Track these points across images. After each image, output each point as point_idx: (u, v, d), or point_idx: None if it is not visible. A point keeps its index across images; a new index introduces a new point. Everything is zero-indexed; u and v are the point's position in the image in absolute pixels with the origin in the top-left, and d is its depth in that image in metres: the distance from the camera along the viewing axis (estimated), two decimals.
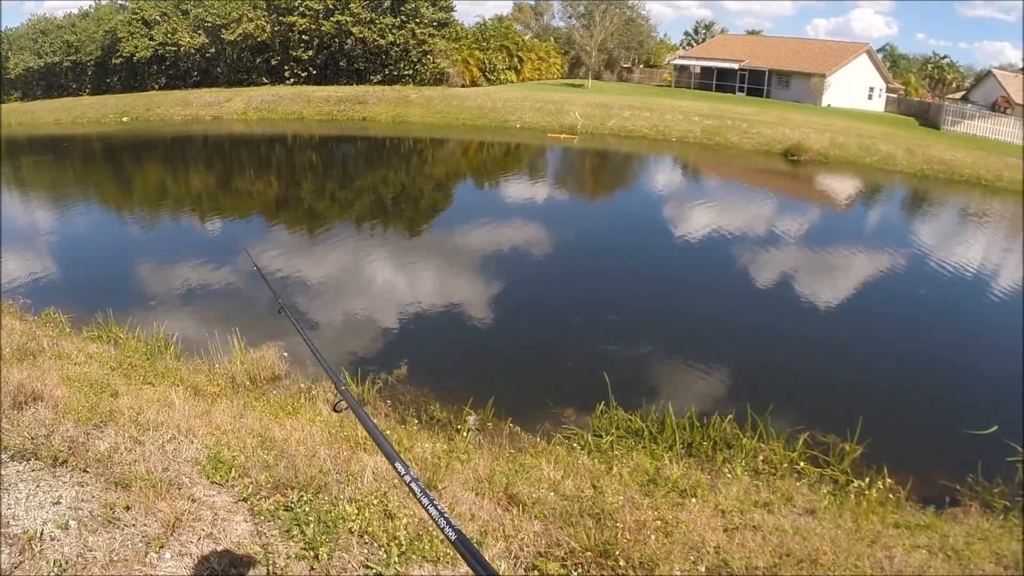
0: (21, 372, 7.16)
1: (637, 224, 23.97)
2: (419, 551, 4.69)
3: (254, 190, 30.57)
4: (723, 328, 13.93)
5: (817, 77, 59.17)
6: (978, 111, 50.82)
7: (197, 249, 19.24)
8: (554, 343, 12.87)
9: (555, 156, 40.18)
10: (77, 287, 15.69)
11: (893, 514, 7.00)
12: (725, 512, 6.41)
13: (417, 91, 55.62)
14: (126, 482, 5.03)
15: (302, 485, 5.38)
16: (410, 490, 1.43)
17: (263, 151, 43.01)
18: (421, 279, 16.73)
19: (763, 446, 8.50)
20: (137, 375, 9.00)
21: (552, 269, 18.07)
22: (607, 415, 9.37)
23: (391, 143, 44.40)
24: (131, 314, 12.76)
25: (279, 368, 10.43)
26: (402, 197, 29.09)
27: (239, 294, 15.41)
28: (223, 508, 4.96)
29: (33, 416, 6.03)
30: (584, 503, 6.04)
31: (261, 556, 4.44)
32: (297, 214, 25.15)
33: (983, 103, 58.71)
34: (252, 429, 6.75)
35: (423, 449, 7.11)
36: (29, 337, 9.44)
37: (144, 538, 4.43)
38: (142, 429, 6.15)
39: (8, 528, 4.33)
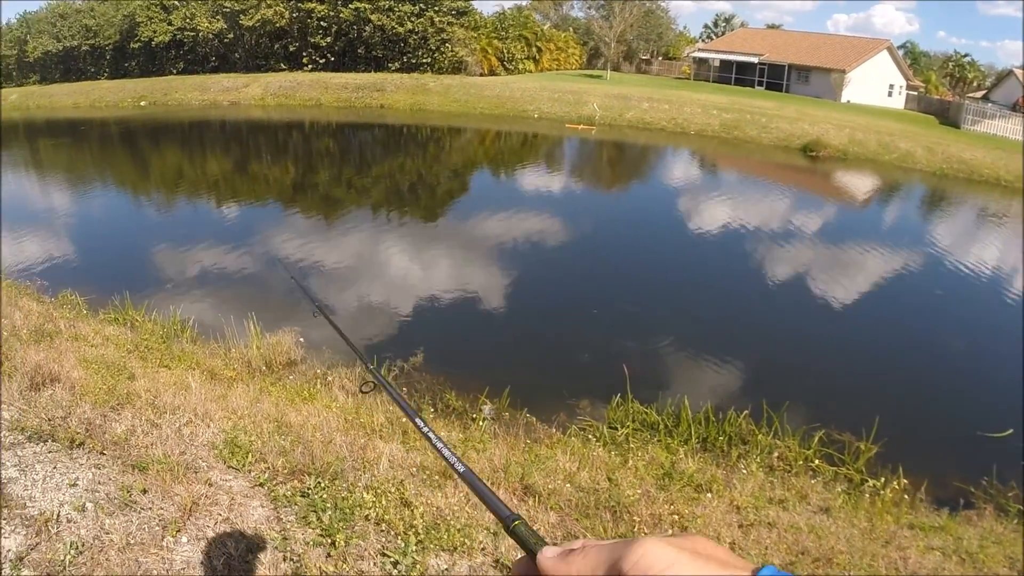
0: (38, 353, 7.15)
1: (654, 217, 23.89)
2: (436, 540, 4.67)
3: (271, 175, 30.57)
4: (739, 323, 13.86)
5: (837, 73, 58.80)
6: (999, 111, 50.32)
7: (214, 234, 19.25)
8: (570, 334, 12.80)
9: (572, 147, 40.11)
10: (94, 269, 15.71)
11: (907, 515, 6.97)
12: (740, 508, 6.38)
13: (435, 79, 55.54)
14: (143, 465, 5.01)
15: (319, 471, 5.37)
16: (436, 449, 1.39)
17: (280, 137, 43.04)
18: (437, 267, 16.70)
19: (778, 443, 8.44)
20: (154, 358, 8.99)
21: (568, 260, 17.99)
22: (623, 407, 9.31)
23: (408, 131, 44.31)
24: (148, 297, 12.77)
25: (295, 353, 10.42)
26: (419, 185, 29.06)
27: (255, 279, 15.39)
28: (240, 493, 4.95)
29: (50, 398, 6.02)
30: (600, 495, 6.02)
31: (278, 542, 4.42)
32: (314, 200, 25.16)
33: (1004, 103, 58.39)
34: (268, 414, 6.74)
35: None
36: (46, 319, 9.43)
37: (161, 521, 4.42)
38: (159, 412, 6.14)
39: (25, 509, 4.32)
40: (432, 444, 1.41)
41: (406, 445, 6.63)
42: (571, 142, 40.68)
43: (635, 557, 0.77)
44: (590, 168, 34.48)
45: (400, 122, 46.35)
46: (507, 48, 65.73)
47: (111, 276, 14.64)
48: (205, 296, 14.11)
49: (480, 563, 4.60)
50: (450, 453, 1.35)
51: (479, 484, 1.23)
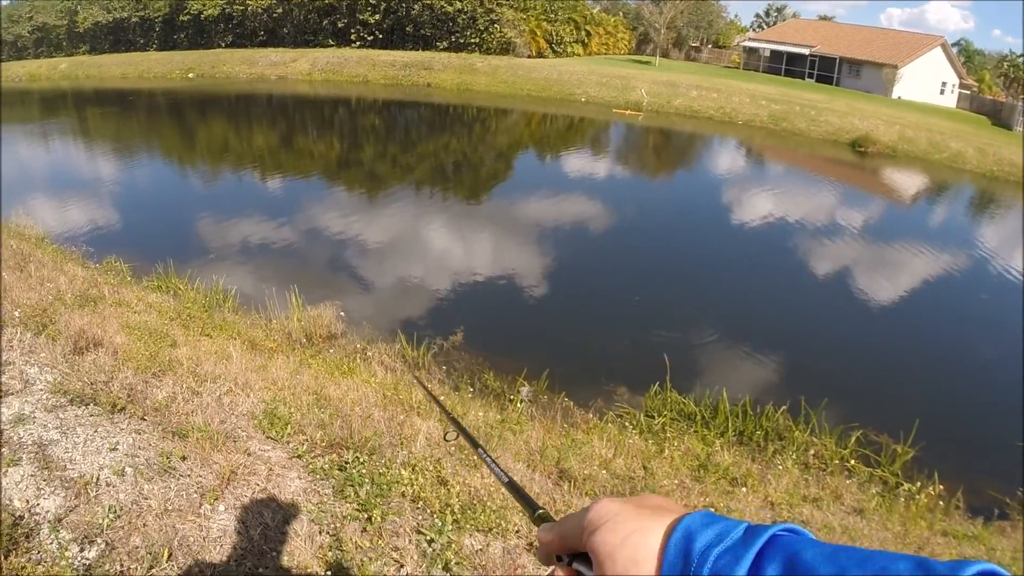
0: (82, 318, 7.20)
1: (698, 206, 23.72)
2: (472, 520, 4.64)
3: (316, 150, 30.66)
4: (781, 316, 13.72)
5: (889, 68, 57.94)
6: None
7: (258, 206, 19.36)
8: (610, 320, 12.73)
9: (619, 132, 39.86)
10: (139, 237, 15.81)
11: (941, 521, 6.90)
12: (774, 504, 6.34)
13: (483, 60, 55.43)
14: (183, 432, 5.03)
15: (357, 446, 5.37)
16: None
17: (326, 112, 43.23)
18: (479, 247, 16.68)
19: (815, 440, 8.36)
20: (195, 326, 9.04)
21: (610, 246, 17.87)
22: (660, 396, 9.26)
23: (454, 110, 44.32)
24: (191, 266, 12.82)
25: (336, 327, 10.42)
26: (463, 165, 29.06)
27: (298, 252, 15.45)
28: (278, 464, 4.95)
29: (93, 362, 6.06)
30: (635, 483, 5.99)
31: (315, 514, 4.41)
32: (358, 176, 25.17)
33: None
34: (308, 386, 6.74)
35: (476, 417, 7.07)
36: (91, 284, 9.51)
37: (199, 489, 4.42)
38: (200, 380, 6.16)
39: (65, 472, 4.34)
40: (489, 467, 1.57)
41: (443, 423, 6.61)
42: (617, 127, 40.43)
43: (591, 514, 0.91)
44: (636, 154, 34.23)
45: (446, 101, 46.34)
46: (556, 31, 65.49)
47: (155, 244, 14.74)
48: (247, 267, 14.18)
49: (514, 545, 4.57)
50: (500, 471, 1.52)
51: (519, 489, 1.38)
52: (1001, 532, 6.95)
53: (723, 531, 0.80)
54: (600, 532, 0.87)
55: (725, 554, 0.77)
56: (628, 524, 0.86)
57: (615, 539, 0.85)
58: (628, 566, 0.83)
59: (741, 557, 0.76)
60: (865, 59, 60.43)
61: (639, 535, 0.84)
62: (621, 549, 0.84)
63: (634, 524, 0.86)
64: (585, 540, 0.90)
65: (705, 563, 0.77)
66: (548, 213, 20.01)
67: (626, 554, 0.83)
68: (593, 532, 0.88)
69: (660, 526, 0.84)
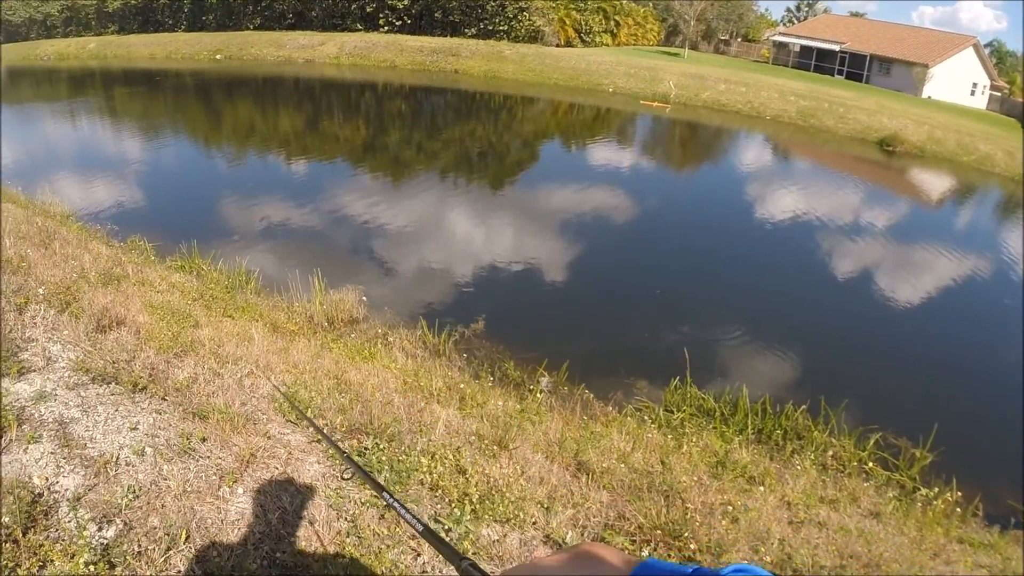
0: (106, 296, 7.22)
1: (723, 200, 23.61)
2: (491, 510, 4.63)
3: (342, 134, 30.74)
4: (802, 315, 13.65)
5: (920, 67, 57.41)
6: None
7: (282, 188, 19.42)
8: (631, 312, 12.71)
9: (645, 124, 39.74)
10: (163, 217, 15.89)
11: (958, 528, 6.84)
12: (791, 504, 6.30)
13: (511, 47, 55.27)
14: (203, 413, 5.03)
15: (376, 431, 5.37)
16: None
17: (353, 96, 43.29)
18: (502, 235, 16.66)
19: (834, 441, 8.32)
20: (218, 307, 9.06)
21: (634, 238, 17.83)
22: (680, 391, 9.25)
23: (481, 97, 44.28)
24: (214, 247, 12.89)
25: (357, 312, 10.45)
26: (488, 152, 29.02)
27: (321, 235, 15.50)
28: (297, 448, 4.95)
29: (116, 341, 6.07)
30: (653, 478, 5.95)
31: (333, 500, 4.41)
32: (383, 161, 25.21)
33: None
34: (328, 370, 6.76)
35: (495, 407, 7.04)
36: (115, 262, 9.54)
37: (218, 471, 4.42)
38: (221, 362, 6.17)
39: (85, 450, 4.34)
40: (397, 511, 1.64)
41: (463, 412, 6.61)
42: (644, 119, 40.31)
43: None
44: (662, 147, 34.09)
45: (473, 88, 46.30)
46: (585, 20, 65.20)
47: (179, 224, 14.82)
48: (271, 249, 14.22)
49: (531, 537, 4.57)
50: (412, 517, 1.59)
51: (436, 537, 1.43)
52: (1017, 541, 6.89)
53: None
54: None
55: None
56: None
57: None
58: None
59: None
60: (896, 57, 59.93)
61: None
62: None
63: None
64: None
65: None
66: (572, 203, 19.98)
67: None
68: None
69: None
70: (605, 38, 67.20)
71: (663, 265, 15.59)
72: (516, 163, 27.38)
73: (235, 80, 47.12)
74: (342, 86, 47.00)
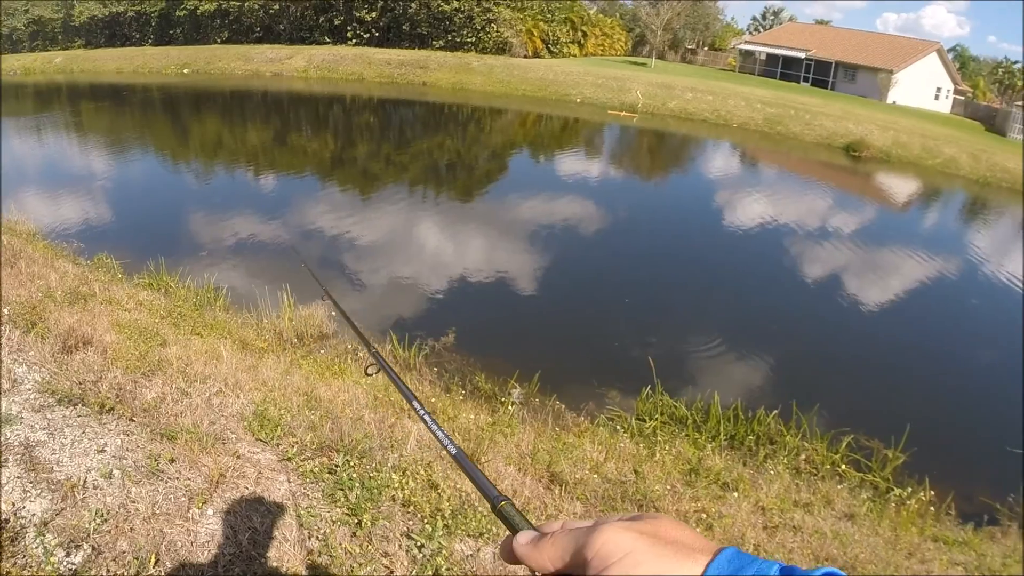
0: (72, 316, 7.17)
1: (690, 208, 23.78)
2: (463, 525, 4.62)
3: (310, 148, 30.66)
4: (772, 320, 13.70)
5: (884, 73, 58.10)
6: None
7: (250, 203, 19.34)
8: (602, 322, 12.73)
9: (613, 133, 39.93)
10: (130, 233, 15.75)
11: (932, 527, 6.91)
12: (765, 509, 6.34)
13: (479, 59, 55.44)
14: (172, 434, 5.00)
15: (347, 448, 5.35)
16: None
17: (321, 110, 43.17)
18: (471, 248, 16.65)
19: (806, 445, 8.37)
20: (186, 325, 9.00)
21: (603, 248, 17.88)
22: (652, 400, 9.26)
23: (449, 110, 44.30)
24: (182, 263, 12.79)
25: (327, 327, 10.42)
26: (457, 164, 29.02)
27: (291, 251, 15.41)
28: (267, 467, 4.92)
29: (82, 361, 6.02)
30: (627, 488, 5.97)
31: (304, 518, 4.39)
32: (352, 174, 25.18)
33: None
34: (298, 387, 6.72)
35: (467, 420, 7.05)
36: (81, 281, 9.46)
37: (187, 492, 4.39)
38: (190, 380, 6.13)
39: (52, 474, 4.30)
40: (428, 426, 1.45)
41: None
42: (612, 129, 40.49)
43: (597, 544, 0.80)
44: (630, 156, 34.26)
45: (441, 100, 46.31)
46: (552, 31, 65.44)
47: (147, 241, 14.71)
48: (239, 265, 14.14)
49: None
50: (444, 435, 1.39)
51: (470, 465, 1.24)
52: (991, 538, 6.97)
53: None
54: (612, 572, 0.77)
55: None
56: (648, 566, 0.77)
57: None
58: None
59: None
60: (860, 64, 60.60)
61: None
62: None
63: (654, 566, 0.77)
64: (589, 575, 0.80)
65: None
66: (541, 214, 20.00)
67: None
68: (603, 570, 0.78)
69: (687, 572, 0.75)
70: (572, 49, 67.47)
71: (633, 274, 15.60)
72: (485, 175, 27.42)
73: (202, 94, 46.89)
74: (310, 99, 46.87)
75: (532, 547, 0.90)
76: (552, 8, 67.15)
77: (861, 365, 12.17)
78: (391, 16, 62.30)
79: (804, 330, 13.54)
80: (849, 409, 9.83)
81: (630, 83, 47.07)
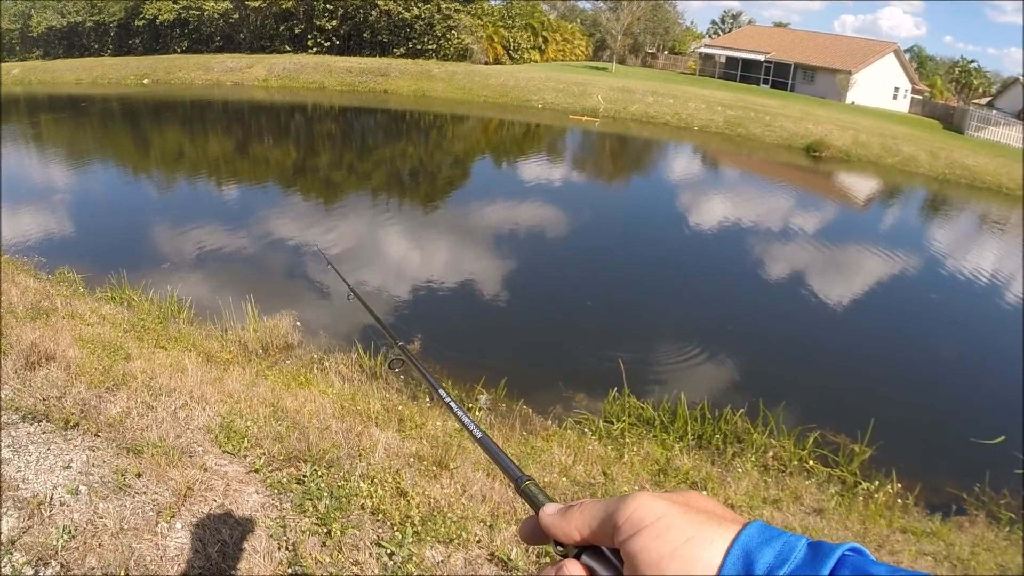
0: (34, 331, 7.11)
1: (653, 211, 23.90)
2: (433, 531, 4.63)
3: (272, 157, 30.47)
4: (737, 321, 13.79)
5: (843, 74, 58.79)
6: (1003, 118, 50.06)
7: (213, 214, 19.19)
8: (567, 326, 12.77)
9: (575, 138, 40.03)
10: (92, 247, 15.61)
11: (900, 519, 6.99)
12: (735, 507, 6.39)
13: (440, 66, 55.45)
14: (138, 448, 4.97)
15: (315, 458, 5.34)
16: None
17: (283, 119, 42.96)
18: (435, 254, 16.63)
19: (773, 442, 8.42)
20: (150, 338, 8.94)
21: (566, 252, 17.92)
22: (619, 402, 9.28)
23: (411, 117, 44.22)
24: (145, 276, 12.67)
25: (292, 337, 10.37)
26: (420, 171, 28.97)
27: (254, 260, 15.34)
28: (235, 479, 4.91)
29: (45, 377, 5.98)
30: (596, 490, 6.01)
31: (273, 529, 4.39)
32: (314, 183, 25.08)
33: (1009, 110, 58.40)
34: (264, 398, 6.70)
35: (434, 427, 7.03)
36: (42, 296, 9.38)
37: (155, 507, 4.38)
38: (155, 394, 6.10)
39: (18, 492, 4.27)
40: (453, 412, 1.50)
41: (402, 433, 6.60)
42: (574, 134, 40.65)
43: (628, 511, 0.81)
44: (592, 161, 34.33)
45: (403, 108, 46.25)
46: (513, 37, 65.55)
47: (109, 254, 14.58)
48: (203, 277, 14.04)
49: (475, 556, 4.58)
50: (469, 420, 1.43)
51: (495, 448, 1.30)
52: (959, 527, 7.07)
53: (785, 550, 0.73)
54: (644, 536, 0.79)
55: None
56: (678, 531, 0.79)
57: (664, 548, 0.78)
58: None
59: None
60: (819, 65, 61.25)
61: (693, 547, 0.77)
62: (671, 561, 0.77)
63: (685, 531, 0.79)
64: (620, 541, 0.82)
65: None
66: (505, 219, 20.04)
67: (677, 567, 0.77)
68: (634, 535, 0.80)
69: (717, 537, 0.77)
70: (533, 54, 67.61)
71: (598, 277, 15.65)
72: (448, 181, 27.40)
73: (163, 104, 46.50)
74: (271, 109, 46.64)
75: (559, 516, 0.92)
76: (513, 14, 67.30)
77: (826, 362, 12.30)
78: (351, 24, 62.18)
79: (769, 329, 13.64)
80: (815, 405, 9.94)
81: (591, 88, 47.26)
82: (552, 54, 71.14)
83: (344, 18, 61.74)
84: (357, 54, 60.99)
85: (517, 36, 65.91)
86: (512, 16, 67.21)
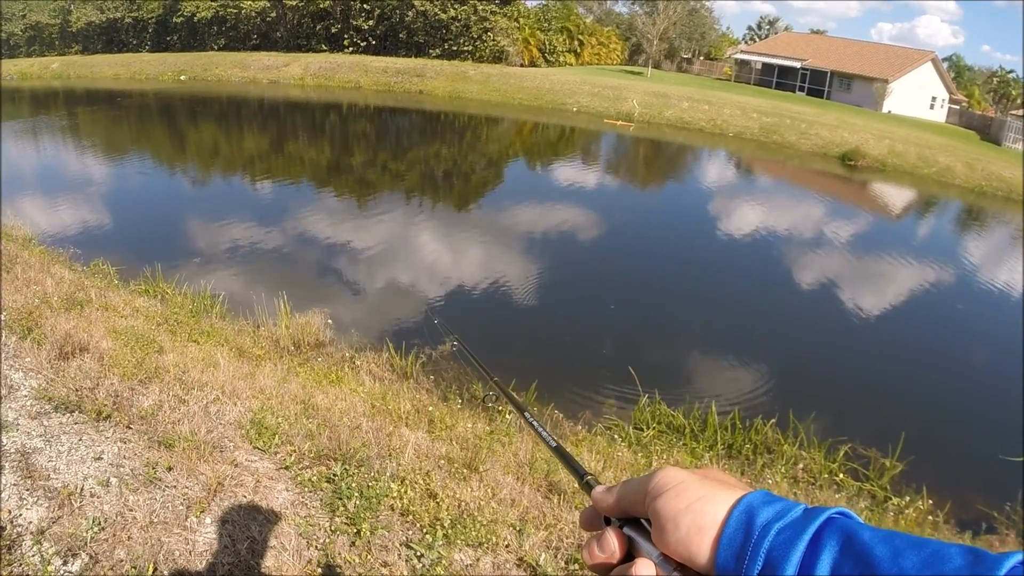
0: (68, 322, 7.13)
1: (687, 217, 23.75)
2: (462, 535, 4.59)
3: (306, 155, 30.57)
4: (769, 329, 13.70)
5: (880, 82, 58.19)
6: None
7: (247, 210, 19.27)
8: (599, 331, 12.69)
9: (609, 142, 39.88)
10: (126, 240, 15.69)
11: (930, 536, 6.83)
12: None
13: (475, 68, 55.54)
14: (169, 442, 4.96)
15: (345, 457, 5.31)
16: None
17: (318, 117, 43.12)
18: (467, 256, 16.61)
19: (804, 454, 8.34)
20: (183, 332, 8.95)
21: (600, 256, 17.84)
22: (650, 408, 9.21)
23: (446, 118, 44.28)
24: (179, 270, 12.74)
25: (324, 335, 10.36)
26: (453, 172, 28.97)
27: (287, 257, 15.38)
28: (265, 475, 4.88)
29: (79, 368, 5.99)
30: None
31: (303, 528, 4.35)
32: (348, 182, 25.14)
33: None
34: (295, 395, 6.68)
35: (464, 429, 6.99)
36: (77, 287, 9.42)
37: (185, 501, 4.36)
38: (187, 388, 6.09)
39: (48, 481, 4.27)
40: (535, 431, 1.66)
41: (432, 434, 6.57)
42: (608, 138, 40.49)
43: (656, 478, 0.95)
44: (626, 165, 34.27)
45: (438, 109, 46.34)
46: (549, 40, 65.44)
47: (143, 247, 14.64)
48: (236, 272, 14.08)
49: (504, 560, 4.53)
50: (547, 434, 1.60)
51: (567, 454, 1.43)
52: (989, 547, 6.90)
53: (783, 509, 0.84)
54: (664, 497, 0.92)
55: (785, 529, 0.81)
56: (693, 491, 0.91)
57: (679, 504, 0.90)
58: (691, 532, 0.87)
59: (800, 533, 0.80)
60: (856, 73, 60.73)
61: (703, 503, 0.89)
62: (685, 514, 0.89)
63: (699, 492, 0.90)
64: (648, 504, 0.94)
65: (766, 536, 0.81)
66: (539, 222, 20.00)
67: (689, 519, 0.88)
68: (657, 497, 0.93)
69: (725, 497, 0.89)
70: (569, 58, 67.51)
71: (631, 282, 15.58)
72: (482, 183, 27.41)
73: (199, 100, 46.84)
74: (307, 107, 46.85)
75: (605, 491, 1.06)
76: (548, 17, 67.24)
77: (857, 373, 12.15)
78: (388, 24, 62.37)
79: (800, 338, 13.53)
80: (846, 417, 9.81)
81: (626, 92, 47.13)
82: (587, 58, 71.05)
83: (380, 18, 61.94)
84: (393, 54, 61.18)
85: (553, 39, 65.81)
86: (548, 19, 67.12)
